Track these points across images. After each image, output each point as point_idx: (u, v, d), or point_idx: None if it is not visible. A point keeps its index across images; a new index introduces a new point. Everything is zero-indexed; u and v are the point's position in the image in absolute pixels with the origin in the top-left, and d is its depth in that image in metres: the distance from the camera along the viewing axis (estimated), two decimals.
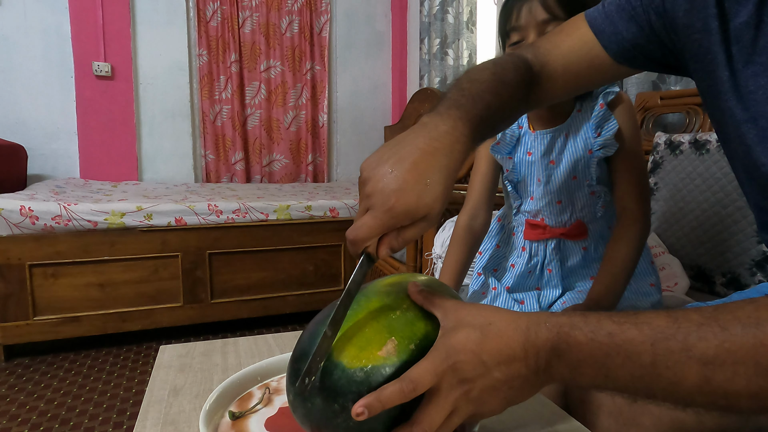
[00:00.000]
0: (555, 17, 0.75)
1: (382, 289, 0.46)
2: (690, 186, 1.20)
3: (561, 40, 0.62)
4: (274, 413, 0.50)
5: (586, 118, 0.84)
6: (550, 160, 0.86)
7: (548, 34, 0.65)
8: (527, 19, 0.77)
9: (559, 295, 0.90)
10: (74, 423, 1.50)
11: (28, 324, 1.88)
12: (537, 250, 0.90)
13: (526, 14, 0.76)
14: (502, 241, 0.97)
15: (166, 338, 2.14)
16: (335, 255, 2.32)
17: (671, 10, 0.52)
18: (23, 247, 1.84)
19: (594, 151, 0.82)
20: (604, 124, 0.82)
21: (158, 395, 0.58)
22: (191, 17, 2.96)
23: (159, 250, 2.03)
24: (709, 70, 0.48)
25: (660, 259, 1.17)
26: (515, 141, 0.89)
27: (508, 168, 0.90)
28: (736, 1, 0.45)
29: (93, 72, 2.74)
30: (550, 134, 0.85)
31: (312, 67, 3.24)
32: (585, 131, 0.84)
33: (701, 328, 0.35)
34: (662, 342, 0.36)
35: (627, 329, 0.37)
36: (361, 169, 0.46)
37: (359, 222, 0.43)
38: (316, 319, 0.45)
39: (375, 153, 0.47)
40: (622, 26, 0.57)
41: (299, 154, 3.28)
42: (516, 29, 0.79)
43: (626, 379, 0.37)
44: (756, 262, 1.03)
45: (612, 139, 0.80)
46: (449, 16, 2.69)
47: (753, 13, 0.43)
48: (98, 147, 2.80)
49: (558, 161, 0.86)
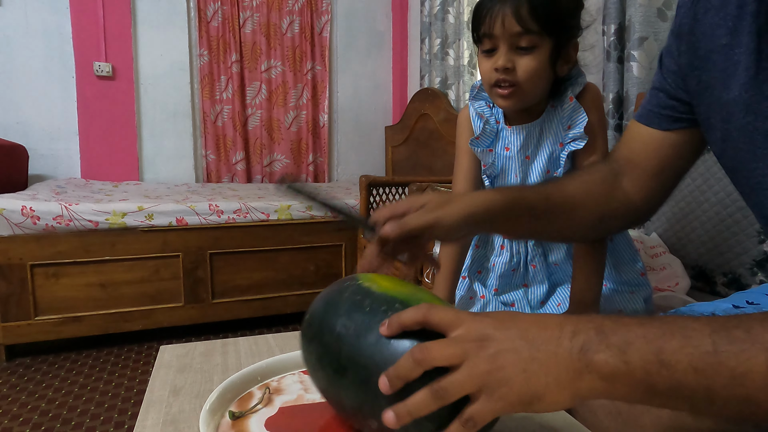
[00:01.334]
0: (528, 31, 0.75)
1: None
2: (691, 186, 1.20)
3: (622, 142, 0.70)
4: (275, 413, 0.50)
5: (558, 113, 0.84)
6: (526, 155, 0.87)
7: (613, 149, 0.72)
8: (500, 30, 0.76)
9: (547, 291, 0.90)
10: (75, 423, 1.50)
11: (29, 324, 1.88)
12: (518, 248, 0.90)
13: (499, 25, 0.76)
14: (481, 241, 0.97)
15: (167, 338, 2.14)
16: (336, 255, 2.32)
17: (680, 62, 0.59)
18: (24, 247, 1.85)
19: (565, 145, 0.83)
20: (575, 116, 0.82)
21: (158, 395, 0.58)
22: (192, 17, 2.96)
23: (160, 250, 2.03)
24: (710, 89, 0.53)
25: (661, 259, 1.17)
26: (494, 135, 0.89)
27: (486, 162, 0.91)
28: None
29: (94, 72, 2.74)
30: (526, 130, 0.86)
31: (313, 67, 3.24)
32: (557, 125, 0.84)
33: (765, 321, 0.32)
34: (723, 331, 0.33)
35: (681, 318, 0.35)
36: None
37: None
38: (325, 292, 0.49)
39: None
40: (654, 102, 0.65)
41: (300, 154, 3.28)
42: (488, 36, 0.78)
43: (683, 369, 0.32)
44: (757, 261, 1.03)
45: (582, 132, 0.81)
46: (450, 16, 2.69)
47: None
48: (99, 147, 2.81)
49: (533, 156, 0.86)
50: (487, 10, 0.77)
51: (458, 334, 0.38)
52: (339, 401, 0.43)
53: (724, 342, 0.32)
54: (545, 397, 0.36)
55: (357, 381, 0.40)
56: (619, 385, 0.35)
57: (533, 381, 0.35)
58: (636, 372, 0.34)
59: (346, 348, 0.41)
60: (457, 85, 2.68)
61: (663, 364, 0.33)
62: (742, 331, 0.32)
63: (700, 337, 0.33)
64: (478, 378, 0.36)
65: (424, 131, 2.78)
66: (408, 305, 0.42)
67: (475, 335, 0.37)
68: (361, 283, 0.46)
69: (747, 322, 0.33)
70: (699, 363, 0.32)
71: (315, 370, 0.45)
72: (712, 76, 0.53)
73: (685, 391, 0.33)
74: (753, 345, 0.31)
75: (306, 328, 0.47)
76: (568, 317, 0.38)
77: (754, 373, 0.31)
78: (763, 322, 0.32)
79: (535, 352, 0.36)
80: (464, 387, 0.36)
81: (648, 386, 0.34)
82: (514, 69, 0.77)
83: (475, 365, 0.36)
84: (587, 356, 0.35)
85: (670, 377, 0.33)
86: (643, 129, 0.66)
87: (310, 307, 0.49)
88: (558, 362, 0.35)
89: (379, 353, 0.39)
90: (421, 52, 2.95)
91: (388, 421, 0.36)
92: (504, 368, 0.36)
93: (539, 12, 0.74)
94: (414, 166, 2.89)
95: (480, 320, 0.38)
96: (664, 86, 0.63)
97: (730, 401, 0.32)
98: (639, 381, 0.34)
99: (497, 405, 0.36)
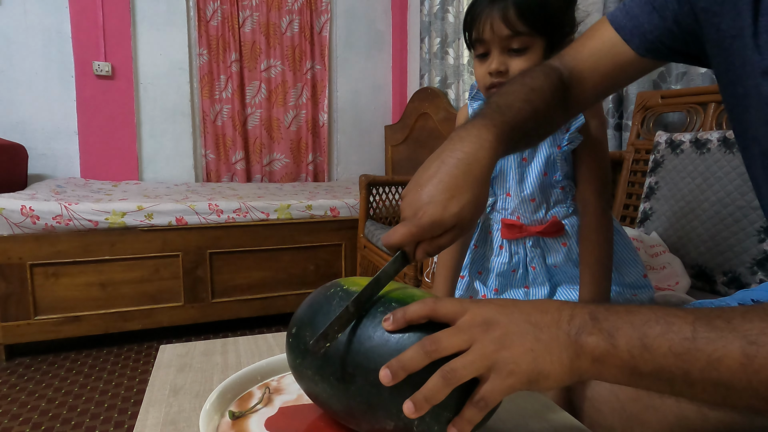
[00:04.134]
0: (517, 33, 0.75)
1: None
2: (691, 185, 1.19)
3: (584, 43, 0.63)
4: (275, 413, 0.50)
5: None
6: (523, 157, 0.87)
7: (574, 41, 0.66)
8: (490, 35, 0.76)
9: (548, 293, 0.90)
10: (75, 422, 1.50)
11: (29, 323, 1.88)
12: (517, 248, 0.90)
13: (489, 29, 0.76)
14: (480, 241, 0.97)
15: (167, 338, 2.14)
16: (336, 254, 2.32)
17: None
18: (24, 247, 1.85)
19: (562, 146, 0.83)
20: (573, 120, 0.82)
21: (158, 395, 0.58)
22: (191, 17, 2.96)
23: (160, 250, 2.03)
24: (730, 51, 0.48)
25: (661, 258, 1.17)
26: None
27: None
28: None
29: (93, 72, 2.74)
30: None
31: (312, 66, 3.24)
32: None
33: (746, 314, 0.34)
34: (704, 319, 0.34)
35: (668, 307, 0.37)
36: (403, 192, 0.52)
37: (393, 229, 0.47)
38: (310, 301, 0.48)
39: (414, 175, 0.51)
40: (644, 19, 0.57)
41: (299, 153, 3.28)
42: (480, 41, 0.78)
43: (664, 353, 0.35)
44: (757, 261, 1.03)
45: (577, 133, 0.81)
46: (449, 15, 2.69)
47: None
48: (99, 147, 2.80)
49: (530, 158, 0.86)
50: (476, 16, 0.77)
51: (463, 320, 0.39)
52: (346, 408, 0.42)
53: (704, 329, 0.34)
54: (550, 376, 0.38)
55: (368, 385, 0.40)
56: (608, 366, 0.37)
57: (540, 360, 0.37)
58: (622, 355, 0.36)
59: (351, 355, 0.41)
60: (456, 84, 2.68)
61: (645, 348, 0.35)
62: (723, 321, 0.34)
63: (682, 324, 0.35)
64: (487, 358, 0.37)
65: (423, 130, 2.78)
66: (404, 303, 0.42)
67: (481, 320, 0.39)
68: (347, 288, 0.45)
69: (729, 314, 0.34)
70: (678, 348, 0.34)
71: (314, 383, 0.44)
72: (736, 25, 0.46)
73: (666, 374, 0.35)
74: (730, 333, 0.33)
75: (294, 340, 0.46)
76: (565, 303, 0.40)
77: (729, 358, 0.33)
78: (744, 314, 0.34)
79: (539, 334, 0.38)
80: (474, 367, 0.37)
81: (633, 368, 0.36)
82: (508, 71, 0.77)
83: (484, 346, 0.37)
84: (581, 339, 0.37)
85: (652, 360, 0.35)
86: (615, 41, 0.60)
87: (294, 319, 0.48)
88: (559, 343, 0.38)
89: (388, 354, 0.39)
90: (421, 52, 2.95)
91: (408, 411, 0.37)
92: (511, 347, 0.37)
93: (527, 13, 0.74)
94: (414, 166, 2.89)
95: (484, 306, 0.40)
96: (664, 11, 0.56)
97: (707, 386, 0.34)
98: (625, 363, 0.36)
99: (506, 382, 0.37)
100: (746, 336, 0.33)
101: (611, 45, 0.60)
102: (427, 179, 0.48)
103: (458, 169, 0.48)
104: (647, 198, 1.32)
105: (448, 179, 0.48)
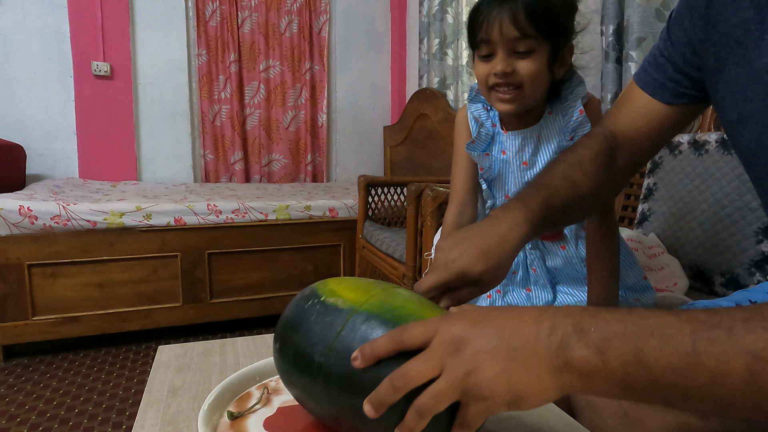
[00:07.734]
0: (526, 35, 0.75)
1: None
2: (689, 186, 1.20)
3: (619, 108, 0.68)
4: (273, 413, 0.50)
5: (558, 120, 0.84)
6: (524, 161, 0.87)
7: (611, 107, 0.70)
8: (497, 36, 0.76)
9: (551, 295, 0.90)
10: (73, 423, 1.50)
11: (27, 324, 1.88)
12: None
13: (497, 31, 0.75)
14: None
15: (165, 338, 2.14)
16: (334, 255, 2.32)
17: (692, 36, 0.56)
18: (22, 247, 1.84)
19: None
20: (579, 129, 0.82)
21: (157, 395, 0.58)
22: (190, 17, 2.96)
23: (158, 250, 2.03)
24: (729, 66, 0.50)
25: (659, 259, 1.17)
26: (490, 139, 0.89)
27: (483, 166, 0.90)
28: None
29: (92, 72, 2.74)
30: (521, 135, 0.86)
31: (311, 67, 3.24)
32: (559, 135, 0.84)
33: (747, 321, 0.32)
34: (703, 330, 0.32)
35: (661, 314, 0.34)
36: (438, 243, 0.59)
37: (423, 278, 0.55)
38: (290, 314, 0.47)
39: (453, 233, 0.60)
40: (660, 71, 0.63)
41: (298, 154, 3.28)
42: (485, 42, 0.78)
43: (662, 369, 0.32)
44: (755, 262, 1.03)
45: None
46: (448, 16, 2.69)
47: None
48: (97, 147, 2.80)
49: (531, 163, 0.86)
50: (483, 16, 0.76)
51: (433, 343, 0.38)
52: (336, 424, 0.43)
53: (705, 343, 0.32)
54: (530, 396, 0.36)
55: (352, 413, 0.39)
56: (597, 381, 0.35)
57: (514, 380, 0.35)
58: (615, 371, 0.34)
59: (333, 381, 0.40)
60: (455, 85, 2.68)
61: (641, 364, 0.33)
62: (724, 331, 0.32)
63: (680, 336, 0.33)
64: (458, 383, 0.35)
65: (422, 131, 2.78)
66: (382, 319, 0.41)
67: (449, 340, 0.37)
68: (324, 300, 0.44)
69: (728, 322, 0.32)
70: (678, 363, 0.32)
71: (303, 400, 0.45)
72: (732, 53, 0.49)
73: (662, 389, 0.33)
74: (733, 347, 0.31)
75: (280, 356, 0.46)
76: (544, 311, 0.37)
77: (733, 375, 0.31)
78: (745, 321, 0.32)
79: (513, 351, 0.36)
80: (447, 397, 0.36)
81: (626, 384, 0.34)
82: (514, 72, 0.77)
83: (453, 372, 0.36)
84: (566, 354, 0.35)
85: (648, 376, 0.33)
86: (645, 98, 0.64)
87: (276, 332, 0.47)
88: (538, 359, 0.35)
89: (370, 384, 0.38)
90: (420, 52, 2.95)
91: None
92: (482, 370, 0.35)
93: (536, 17, 0.74)
94: (412, 166, 2.89)
95: (454, 323, 0.38)
96: (673, 58, 0.60)
97: (705, 400, 0.33)
98: (617, 379, 0.34)
99: (481, 407, 0.36)
100: (750, 350, 0.31)
101: (643, 103, 0.64)
102: (463, 239, 0.57)
103: (491, 239, 0.56)
104: (645, 199, 1.33)
105: (481, 244, 0.56)
